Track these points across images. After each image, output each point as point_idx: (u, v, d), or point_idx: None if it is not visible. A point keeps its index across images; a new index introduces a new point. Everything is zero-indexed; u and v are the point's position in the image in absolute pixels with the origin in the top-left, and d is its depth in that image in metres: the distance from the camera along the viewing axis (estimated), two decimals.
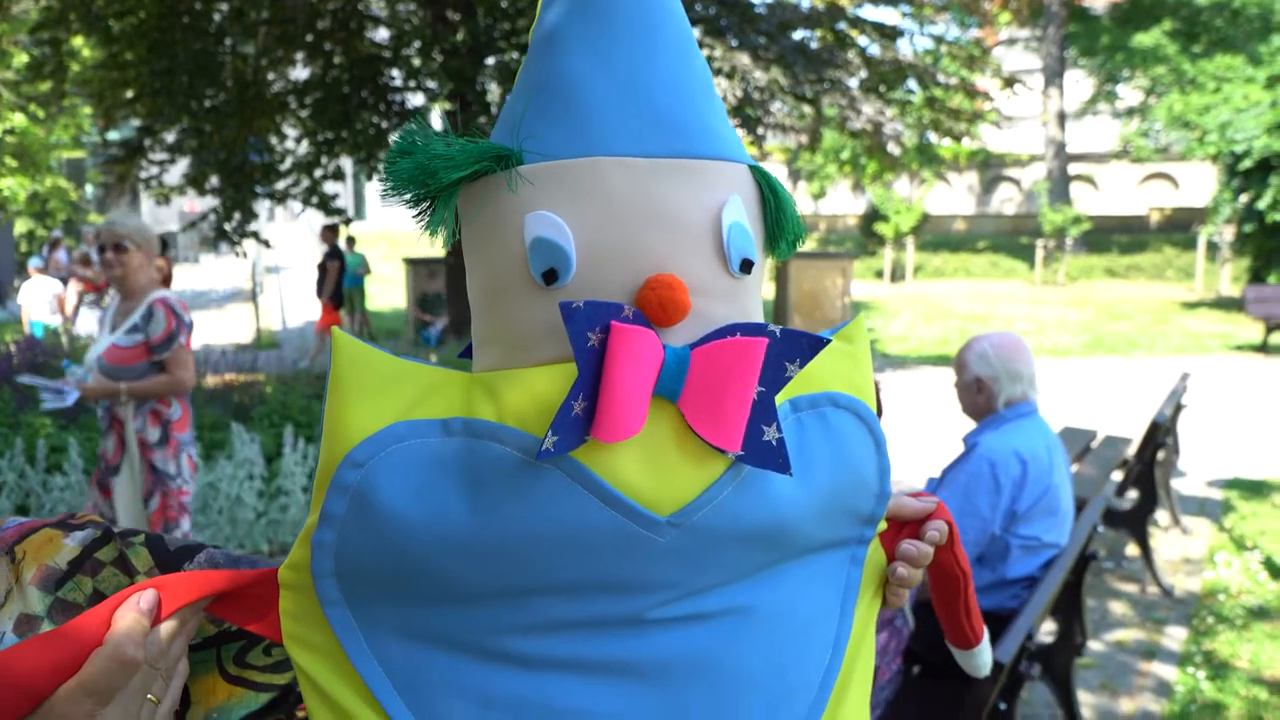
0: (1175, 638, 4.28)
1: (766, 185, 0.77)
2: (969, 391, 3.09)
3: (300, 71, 10.96)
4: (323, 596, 0.72)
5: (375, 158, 10.35)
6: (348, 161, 12.13)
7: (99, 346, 3.57)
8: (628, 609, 0.72)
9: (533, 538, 0.69)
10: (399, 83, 10.63)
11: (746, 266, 0.74)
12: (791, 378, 0.73)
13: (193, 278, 24.07)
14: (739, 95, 9.25)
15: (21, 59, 14.27)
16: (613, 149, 0.70)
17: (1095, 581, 4.90)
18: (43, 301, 12.09)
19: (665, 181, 0.71)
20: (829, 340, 0.75)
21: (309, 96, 10.38)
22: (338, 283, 12.94)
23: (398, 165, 0.72)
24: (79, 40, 10.90)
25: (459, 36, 9.18)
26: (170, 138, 10.67)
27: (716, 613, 0.74)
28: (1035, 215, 27.41)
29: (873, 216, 26.81)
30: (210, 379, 7.45)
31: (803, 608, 0.79)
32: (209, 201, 11.29)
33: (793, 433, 0.76)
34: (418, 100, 11.03)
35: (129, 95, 10.12)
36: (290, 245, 26.60)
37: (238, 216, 10.44)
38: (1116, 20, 25.34)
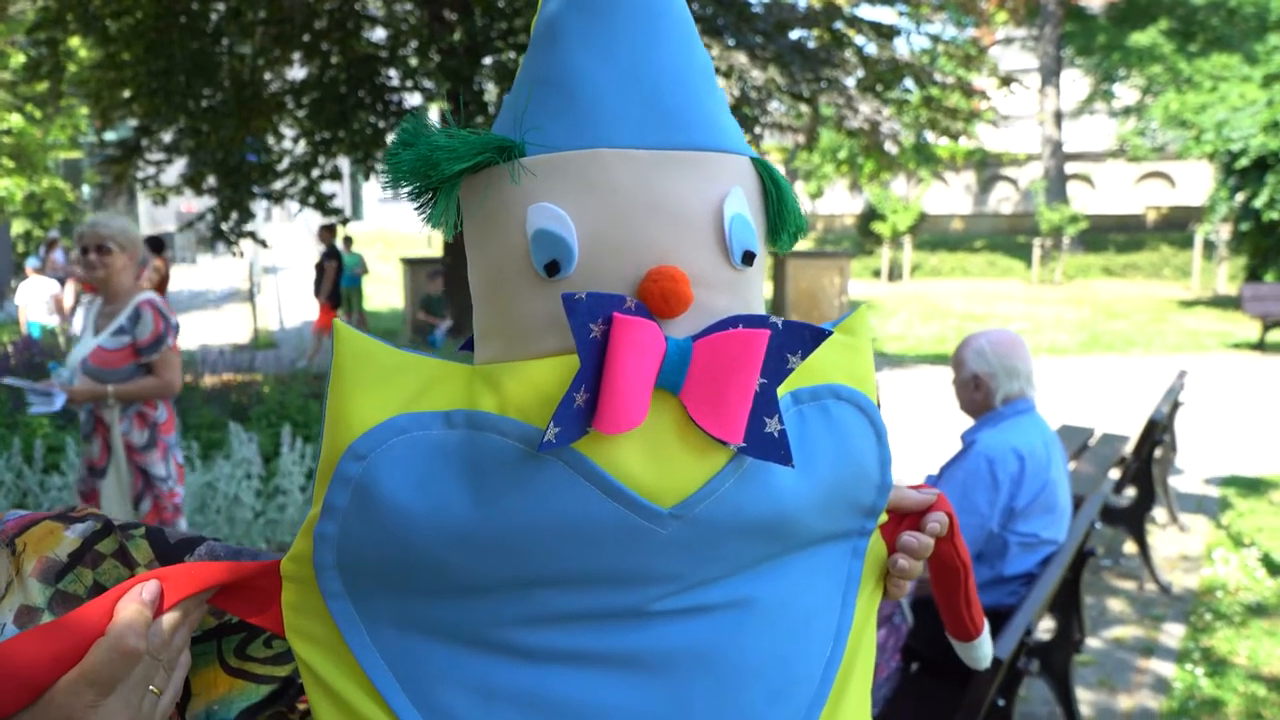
0: (1173, 635, 4.28)
1: (768, 177, 0.77)
2: (967, 389, 3.09)
3: (297, 71, 10.94)
4: (325, 589, 0.72)
5: (372, 158, 10.34)
6: (345, 161, 12.11)
7: (82, 349, 3.51)
8: (630, 601, 0.72)
9: (535, 529, 0.69)
10: (396, 82, 10.62)
11: (748, 258, 0.74)
12: (793, 369, 0.73)
13: (190, 278, 24.05)
14: (736, 95, 9.24)
15: (18, 59, 14.25)
16: (615, 141, 0.70)
17: (1093, 579, 4.90)
18: (40, 302, 12.06)
19: (667, 173, 0.70)
20: (831, 332, 0.74)
21: (306, 96, 10.36)
22: (335, 282, 12.95)
23: (399, 157, 0.71)
24: (76, 41, 10.87)
25: (456, 36, 9.17)
26: (167, 138, 10.65)
27: (719, 605, 0.74)
28: (1032, 214, 27.42)
29: (870, 216, 26.83)
30: (208, 379, 7.44)
31: (804, 600, 0.79)
32: (206, 201, 11.27)
33: (794, 424, 0.76)
34: (415, 100, 11.02)
35: (126, 95, 10.11)
36: (287, 245, 26.57)
37: (235, 216, 10.43)
38: (1113, 19, 25.36)
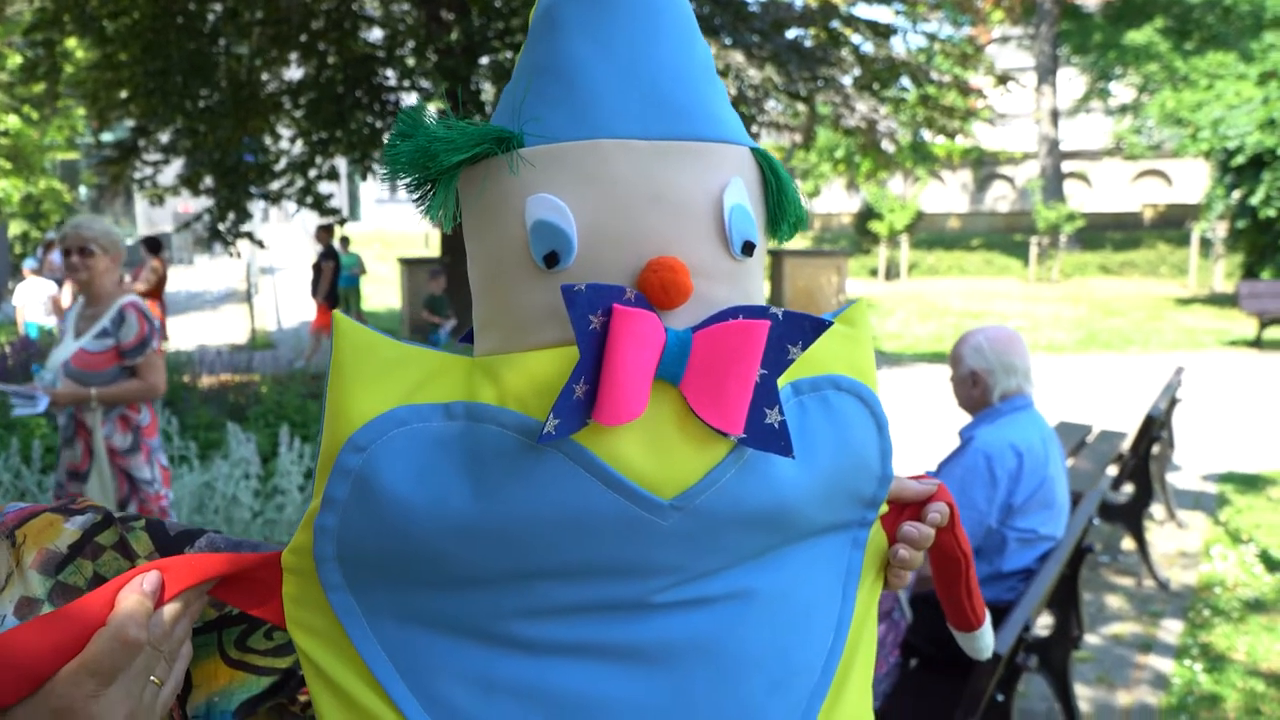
0: (1172, 631, 4.29)
1: (768, 167, 0.77)
2: (964, 385, 3.09)
3: (294, 72, 10.92)
4: (325, 581, 0.72)
5: (370, 158, 10.33)
6: (342, 162, 12.09)
7: (64, 351, 3.48)
8: (631, 593, 0.72)
9: (535, 521, 0.69)
10: (393, 82, 10.60)
11: (748, 249, 0.74)
12: (794, 360, 0.72)
13: (187, 279, 24.02)
14: (733, 94, 9.24)
15: (15, 60, 14.21)
16: (614, 131, 0.70)
17: (1091, 575, 4.91)
18: (38, 303, 12.04)
19: (667, 163, 0.70)
20: (831, 323, 0.74)
21: (303, 97, 10.34)
22: (333, 283, 12.94)
23: (398, 148, 0.71)
24: (73, 41, 10.85)
25: (453, 36, 9.15)
26: (164, 138, 10.62)
27: (720, 596, 0.74)
28: (1029, 212, 27.46)
29: (867, 215, 26.84)
30: (205, 379, 7.44)
31: (805, 591, 0.79)
32: (203, 202, 11.26)
33: (795, 415, 0.76)
34: (412, 100, 11.01)
35: (123, 96, 10.08)
36: (285, 246, 26.56)
37: (232, 217, 10.41)
38: (1109, 18, 25.38)
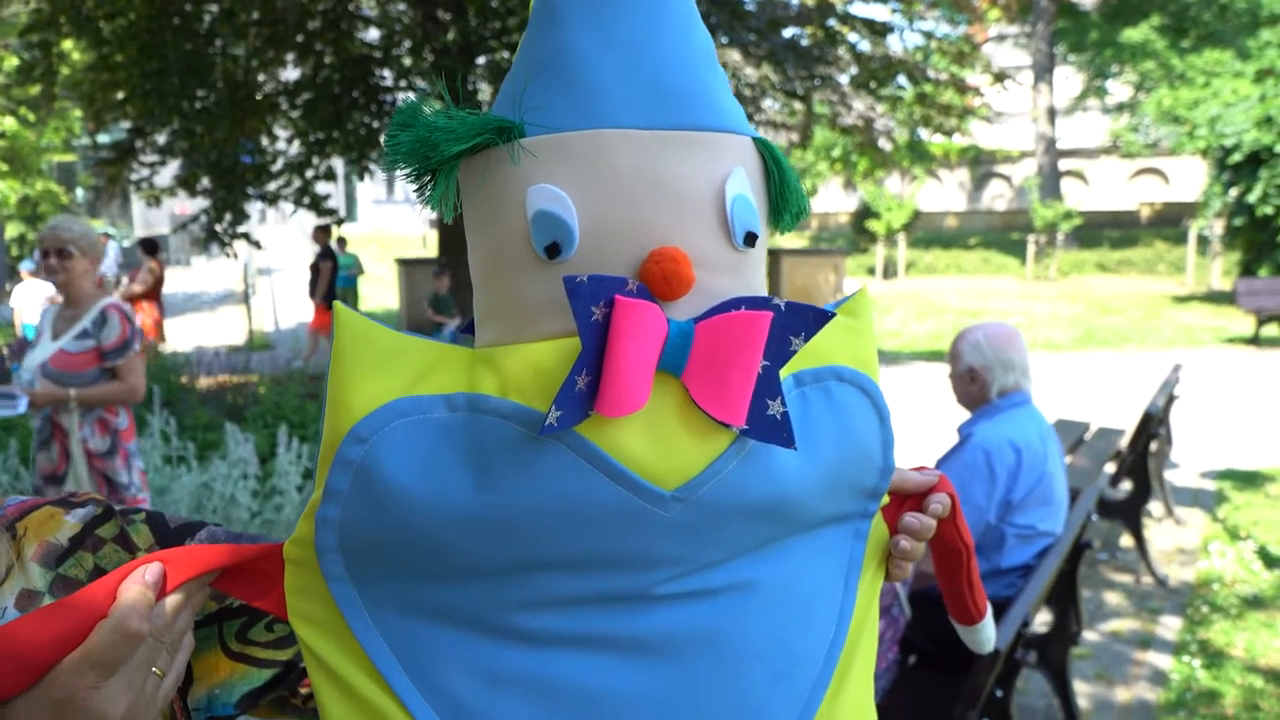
0: (1170, 627, 4.29)
1: (770, 157, 0.77)
2: (963, 381, 3.09)
3: (291, 72, 10.91)
4: (327, 572, 0.71)
5: (367, 158, 10.33)
6: (339, 162, 12.09)
7: (42, 352, 3.44)
8: (634, 585, 0.71)
9: (537, 512, 0.69)
10: (390, 83, 10.60)
11: (750, 239, 0.73)
12: (796, 351, 0.72)
13: (184, 280, 24.01)
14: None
15: (12, 62, 14.18)
16: (616, 121, 0.70)
17: (1090, 572, 4.91)
18: (35, 304, 12.02)
19: (669, 153, 0.70)
20: (833, 314, 0.74)
21: (300, 97, 10.33)
22: (331, 283, 12.94)
23: (398, 138, 0.71)
24: (69, 43, 10.83)
25: (450, 36, 9.15)
26: (161, 139, 10.61)
27: (722, 588, 0.74)
28: (1026, 211, 27.47)
29: (864, 214, 26.85)
30: (203, 380, 7.44)
31: (806, 582, 0.79)
32: (200, 203, 11.23)
33: (797, 406, 0.76)
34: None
35: (119, 97, 10.07)
36: (282, 247, 26.54)
37: (229, 218, 10.40)
38: (1105, 16, 25.41)
